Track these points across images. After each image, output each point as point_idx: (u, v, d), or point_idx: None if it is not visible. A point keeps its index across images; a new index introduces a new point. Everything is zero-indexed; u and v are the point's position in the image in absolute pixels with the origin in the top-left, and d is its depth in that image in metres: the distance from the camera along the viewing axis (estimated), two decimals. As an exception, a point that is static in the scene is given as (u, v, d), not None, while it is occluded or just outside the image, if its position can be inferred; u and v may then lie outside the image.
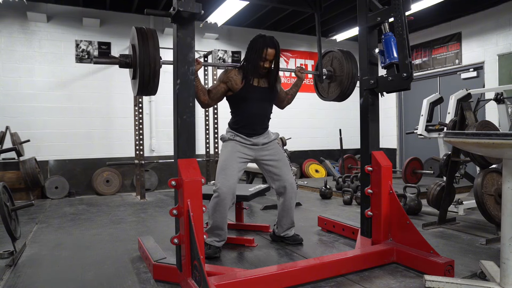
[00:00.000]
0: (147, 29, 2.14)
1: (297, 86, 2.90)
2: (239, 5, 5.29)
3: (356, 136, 3.05)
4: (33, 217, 4.07)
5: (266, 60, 2.56)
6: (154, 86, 2.12)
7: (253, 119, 2.66)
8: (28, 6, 5.51)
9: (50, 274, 2.36)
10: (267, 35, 2.59)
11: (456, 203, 3.64)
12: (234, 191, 2.55)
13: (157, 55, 2.08)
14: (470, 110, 3.23)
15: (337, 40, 7.26)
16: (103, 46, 6.05)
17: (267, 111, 2.74)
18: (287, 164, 2.78)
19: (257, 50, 2.54)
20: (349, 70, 2.86)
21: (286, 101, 2.93)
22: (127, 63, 2.16)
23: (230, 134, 2.68)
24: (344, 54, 2.90)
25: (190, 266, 1.93)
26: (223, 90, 2.63)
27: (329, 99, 3.08)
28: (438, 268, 2.13)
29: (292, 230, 2.91)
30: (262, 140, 2.70)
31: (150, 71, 2.06)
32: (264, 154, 2.71)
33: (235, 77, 2.60)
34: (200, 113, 6.17)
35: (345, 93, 2.93)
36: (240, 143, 2.65)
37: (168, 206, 4.52)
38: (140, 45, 2.07)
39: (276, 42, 2.59)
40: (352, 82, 2.88)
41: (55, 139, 5.77)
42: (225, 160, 2.59)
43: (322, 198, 4.94)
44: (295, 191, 2.79)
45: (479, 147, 1.75)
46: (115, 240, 3.10)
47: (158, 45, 2.11)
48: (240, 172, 2.62)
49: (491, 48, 6.09)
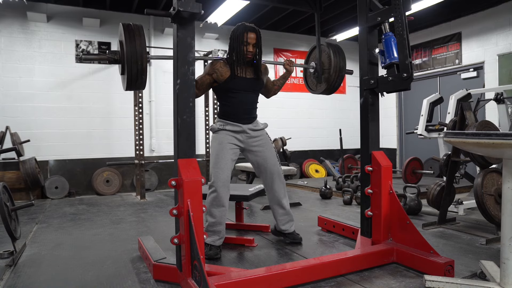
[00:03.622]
0: (134, 25, 2.15)
1: (284, 78, 2.97)
2: (239, 5, 5.29)
3: (356, 136, 3.05)
4: (33, 217, 4.07)
5: (248, 44, 2.62)
6: (142, 81, 2.17)
7: (239, 108, 2.72)
8: (28, 6, 5.51)
9: (50, 274, 2.36)
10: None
11: (456, 203, 3.63)
12: (228, 183, 2.64)
13: (144, 51, 2.11)
14: (470, 110, 3.23)
15: (337, 40, 7.25)
16: (103, 46, 6.06)
17: (253, 101, 2.80)
18: (274, 155, 2.83)
19: (238, 36, 2.63)
20: (336, 64, 2.92)
21: (273, 92, 3.00)
22: (115, 60, 2.19)
23: (220, 123, 2.74)
24: (332, 48, 2.95)
25: (190, 266, 1.93)
26: (208, 81, 2.70)
27: (318, 92, 3.16)
28: (438, 268, 2.13)
29: (292, 226, 2.90)
30: (251, 127, 2.76)
31: (137, 67, 2.10)
32: (253, 143, 2.77)
33: (220, 68, 2.67)
34: (200, 113, 6.17)
35: (333, 86, 3.01)
36: (230, 132, 2.70)
37: (168, 206, 4.52)
38: (127, 42, 2.09)
39: (256, 28, 2.68)
40: (340, 75, 2.95)
41: (55, 139, 5.77)
42: (217, 152, 2.66)
43: (322, 198, 4.94)
44: (283, 181, 2.85)
45: (479, 147, 1.75)
46: (115, 240, 3.10)
47: (145, 41, 2.14)
48: (233, 162, 2.70)
49: (491, 48, 6.09)
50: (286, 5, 4.27)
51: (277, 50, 7.46)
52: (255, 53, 2.68)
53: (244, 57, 2.64)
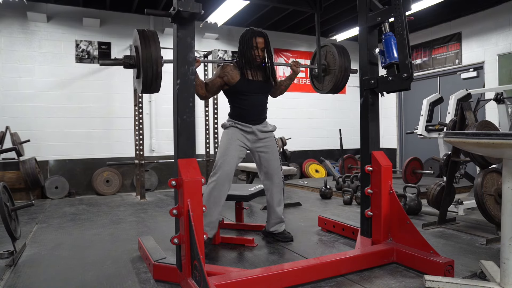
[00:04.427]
0: (149, 31, 2.21)
1: (291, 79, 3.04)
2: (239, 5, 5.29)
3: (356, 136, 3.06)
4: (33, 217, 4.07)
5: (257, 48, 2.72)
6: (157, 85, 2.22)
7: (250, 110, 2.80)
8: (28, 6, 5.51)
9: (50, 274, 2.36)
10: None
11: (456, 203, 3.63)
12: (231, 178, 2.72)
13: (159, 57, 2.16)
14: (470, 110, 3.23)
15: (337, 40, 7.25)
16: (103, 46, 6.06)
17: (263, 102, 2.89)
18: (277, 159, 2.91)
19: (247, 41, 2.72)
20: (342, 64, 2.98)
21: (279, 92, 3.07)
22: (131, 64, 2.25)
23: (231, 122, 2.83)
24: (337, 49, 3.01)
25: (190, 266, 1.93)
26: (219, 84, 2.78)
27: (324, 91, 3.20)
28: (438, 268, 2.13)
29: (282, 226, 2.97)
30: (261, 128, 2.84)
31: (152, 72, 2.15)
32: (259, 145, 2.85)
33: (231, 72, 2.75)
34: (200, 113, 6.17)
35: (338, 86, 3.06)
36: (240, 130, 2.79)
37: (168, 206, 4.52)
38: (142, 47, 2.13)
39: (264, 32, 2.77)
40: (345, 75, 3.00)
41: (55, 139, 5.77)
42: (226, 146, 2.75)
43: (322, 198, 4.94)
44: (281, 187, 2.93)
45: (479, 147, 1.75)
46: (115, 240, 3.10)
47: (160, 46, 2.19)
48: (239, 159, 2.78)
49: (491, 48, 6.09)
50: (286, 5, 4.28)
51: (277, 50, 7.46)
52: (263, 56, 2.77)
53: (254, 60, 2.73)
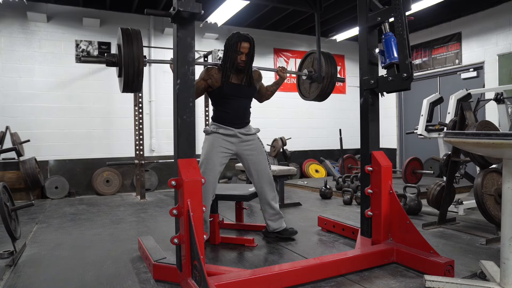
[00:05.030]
0: (132, 29, 2.21)
1: (277, 85, 3.06)
2: (239, 5, 5.29)
3: (356, 136, 3.06)
4: (33, 217, 4.07)
5: (241, 53, 2.70)
6: (138, 84, 2.22)
7: (233, 113, 2.81)
8: (28, 6, 5.51)
9: (50, 274, 2.36)
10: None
11: (456, 203, 3.63)
12: (214, 186, 2.73)
13: (141, 54, 2.16)
14: (470, 110, 3.23)
15: (337, 40, 7.26)
16: (103, 46, 6.05)
17: (246, 106, 2.89)
18: (265, 158, 2.92)
19: (232, 45, 2.70)
20: (328, 71, 3.00)
21: (266, 97, 3.07)
22: (113, 62, 2.24)
23: (213, 126, 2.83)
24: (324, 56, 3.03)
25: (190, 266, 1.93)
26: (203, 87, 2.78)
27: (310, 99, 3.22)
28: (438, 268, 2.13)
29: (283, 222, 2.97)
30: (244, 131, 2.84)
31: (134, 70, 2.15)
32: (244, 147, 2.85)
33: (215, 75, 2.75)
34: (200, 113, 6.17)
35: (325, 93, 3.08)
36: (222, 135, 2.79)
37: (168, 206, 4.52)
38: (124, 45, 2.14)
39: (250, 37, 2.74)
40: (331, 82, 3.03)
41: (55, 139, 5.77)
42: (206, 154, 2.77)
43: (322, 198, 4.94)
44: (273, 185, 2.95)
45: (479, 147, 1.75)
46: (115, 240, 3.10)
47: (142, 45, 2.20)
48: (221, 166, 2.79)
49: (491, 48, 6.09)
50: (286, 5, 4.27)
51: (277, 50, 7.47)
52: (247, 61, 2.75)
53: (237, 65, 2.73)
